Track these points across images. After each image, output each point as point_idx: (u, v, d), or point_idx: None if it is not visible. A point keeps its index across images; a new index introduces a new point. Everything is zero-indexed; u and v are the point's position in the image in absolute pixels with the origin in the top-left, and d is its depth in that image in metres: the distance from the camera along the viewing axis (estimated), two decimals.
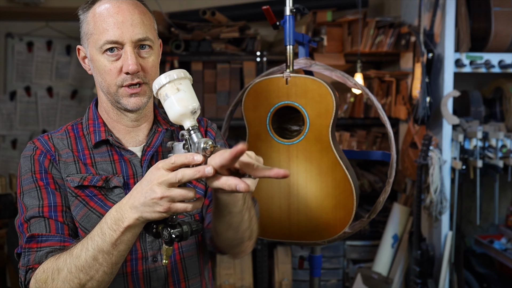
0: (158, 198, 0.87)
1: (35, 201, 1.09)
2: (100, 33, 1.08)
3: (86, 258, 0.95)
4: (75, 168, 1.14)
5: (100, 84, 1.14)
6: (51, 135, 1.19)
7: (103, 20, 1.08)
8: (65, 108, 3.86)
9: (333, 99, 1.54)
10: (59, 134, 1.19)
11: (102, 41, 1.08)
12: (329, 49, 3.25)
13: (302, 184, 1.60)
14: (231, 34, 3.24)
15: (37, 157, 1.13)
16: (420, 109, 2.69)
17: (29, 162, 1.13)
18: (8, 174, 3.33)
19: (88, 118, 1.21)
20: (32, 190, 1.10)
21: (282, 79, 1.58)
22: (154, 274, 1.13)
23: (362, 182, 3.36)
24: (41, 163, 1.13)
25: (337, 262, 3.34)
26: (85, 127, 1.20)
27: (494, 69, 2.75)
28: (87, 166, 1.14)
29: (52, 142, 1.17)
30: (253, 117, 1.62)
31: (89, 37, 1.11)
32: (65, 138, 1.18)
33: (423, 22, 2.75)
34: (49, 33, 3.77)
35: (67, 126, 1.22)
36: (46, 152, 1.14)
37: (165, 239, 0.93)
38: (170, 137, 1.24)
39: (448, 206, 2.73)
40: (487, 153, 2.65)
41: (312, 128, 1.57)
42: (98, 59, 1.10)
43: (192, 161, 0.86)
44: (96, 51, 1.10)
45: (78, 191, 1.11)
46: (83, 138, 1.19)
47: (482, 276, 2.91)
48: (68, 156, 1.15)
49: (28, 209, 1.09)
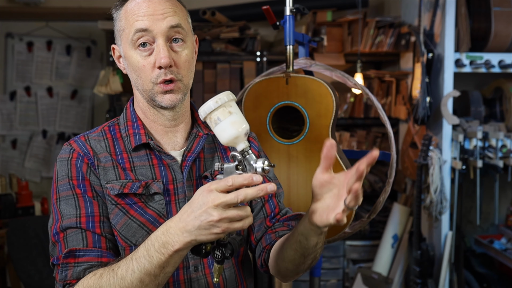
0: (216, 220, 0.87)
1: (72, 210, 1.05)
2: (130, 25, 1.06)
3: (132, 280, 0.94)
4: (114, 174, 1.09)
5: (135, 82, 1.11)
6: (88, 136, 1.13)
7: (133, 13, 1.06)
8: (65, 108, 3.86)
9: (333, 99, 1.54)
10: (96, 135, 1.14)
11: (132, 32, 1.05)
12: (329, 49, 3.25)
13: (302, 184, 1.60)
14: (231, 34, 3.24)
15: (75, 161, 1.08)
16: (420, 109, 2.69)
17: (66, 167, 1.08)
18: (8, 174, 3.33)
19: (127, 119, 1.16)
20: (69, 197, 1.06)
21: (282, 79, 1.58)
22: (196, 284, 1.12)
23: (362, 182, 3.36)
24: (78, 168, 1.08)
25: (337, 262, 3.34)
26: (124, 128, 1.15)
27: (494, 69, 2.75)
28: (126, 170, 1.10)
29: (89, 144, 1.11)
30: (253, 117, 1.62)
31: (121, 33, 1.09)
32: (102, 140, 1.13)
33: (423, 22, 2.75)
34: (49, 33, 3.77)
35: (103, 127, 1.17)
36: (84, 156, 1.09)
37: (218, 258, 0.94)
38: (212, 142, 1.22)
39: (448, 206, 2.73)
40: (487, 153, 2.64)
41: (312, 128, 1.57)
42: (131, 55, 1.08)
43: (251, 182, 0.87)
44: (129, 46, 1.07)
45: (118, 199, 1.07)
46: (120, 140, 1.14)
47: (482, 276, 2.91)
48: (107, 160, 1.10)
49: (65, 217, 1.04)
